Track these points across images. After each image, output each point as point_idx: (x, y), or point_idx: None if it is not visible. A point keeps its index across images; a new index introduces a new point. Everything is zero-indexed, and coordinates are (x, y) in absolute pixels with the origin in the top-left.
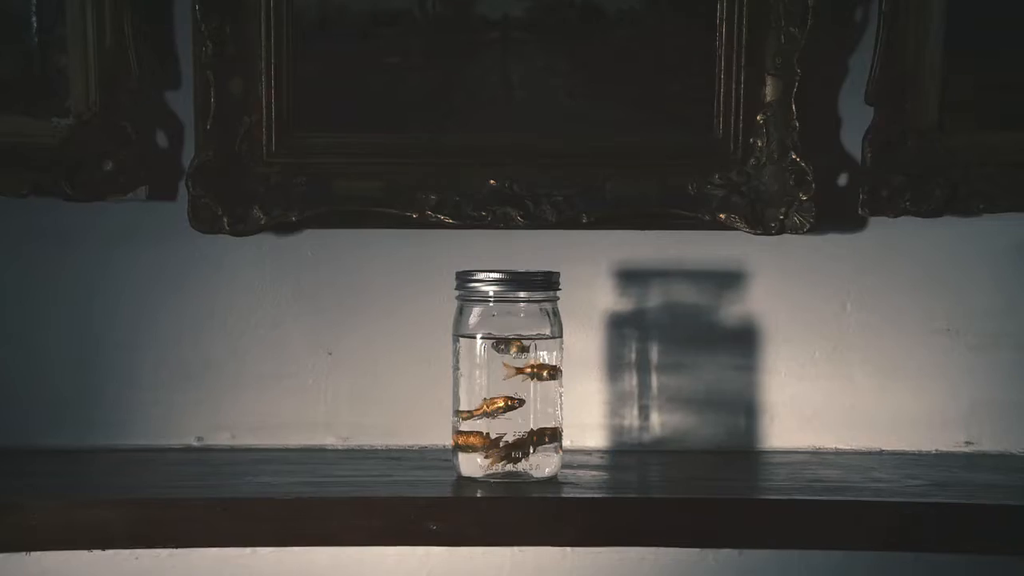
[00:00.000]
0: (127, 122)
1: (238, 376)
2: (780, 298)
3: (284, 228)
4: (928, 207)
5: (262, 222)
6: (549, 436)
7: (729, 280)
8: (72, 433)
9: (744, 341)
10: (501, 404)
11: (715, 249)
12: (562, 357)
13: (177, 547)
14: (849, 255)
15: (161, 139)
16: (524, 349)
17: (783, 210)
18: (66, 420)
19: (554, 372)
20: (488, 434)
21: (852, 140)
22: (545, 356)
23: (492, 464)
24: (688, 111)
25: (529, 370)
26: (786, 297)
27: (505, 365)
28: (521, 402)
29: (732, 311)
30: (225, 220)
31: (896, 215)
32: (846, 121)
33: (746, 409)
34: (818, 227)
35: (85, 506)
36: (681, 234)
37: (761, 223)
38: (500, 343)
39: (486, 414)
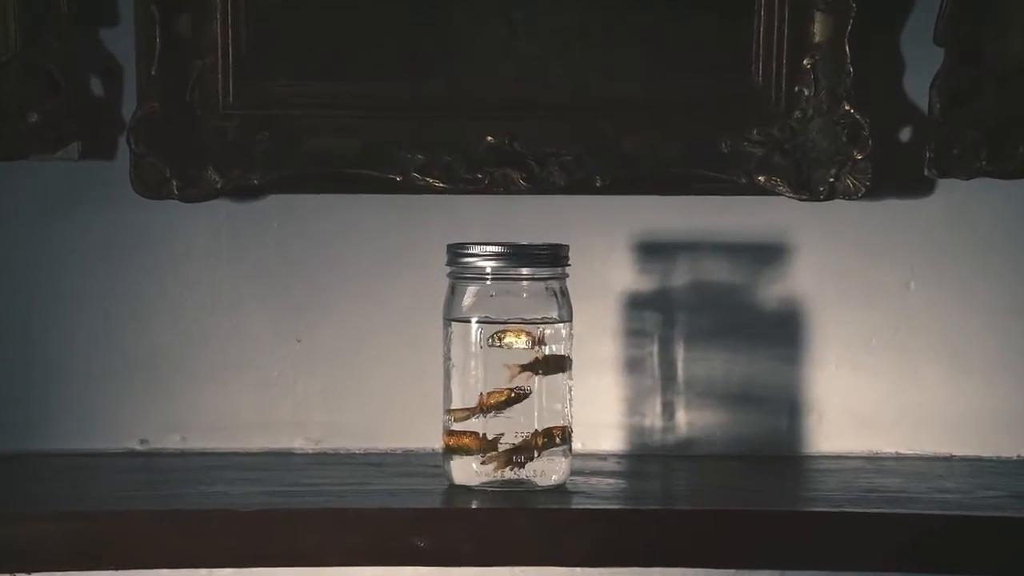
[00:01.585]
0: (54, 65)
1: (190, 368)
2: (830, 275)
3: (244, 193)
4: (1008, 167)
5: (218, 185)
6: (557, 437)
7: (769, 254)
8: None
9: (787, 326)
10: (503, 397)
11: (752, 217)
12: (572, 345)
13: (117, 569)
14: (912, 224)
15: (96, 86)
16: (526, 340)
17: (834, 171)
18: None
19: (562, 363)
20: (485, 435)
21: (917, 88)
22: (553, 347)
23: (492, 471)
24: (721, 54)
25: (535, 363)
26: (837, 274)
27: (506, 367)
28: (526, 394)
29: (773, 291)
30: (174, 183)
31: (969, 176)
32: (910, 65)
33: (789, 407)
34: (875, 191)
35: (7, 522)
36: (712, 200)
37: (807, 187)
38: (492, 337)
39: (484, 410)
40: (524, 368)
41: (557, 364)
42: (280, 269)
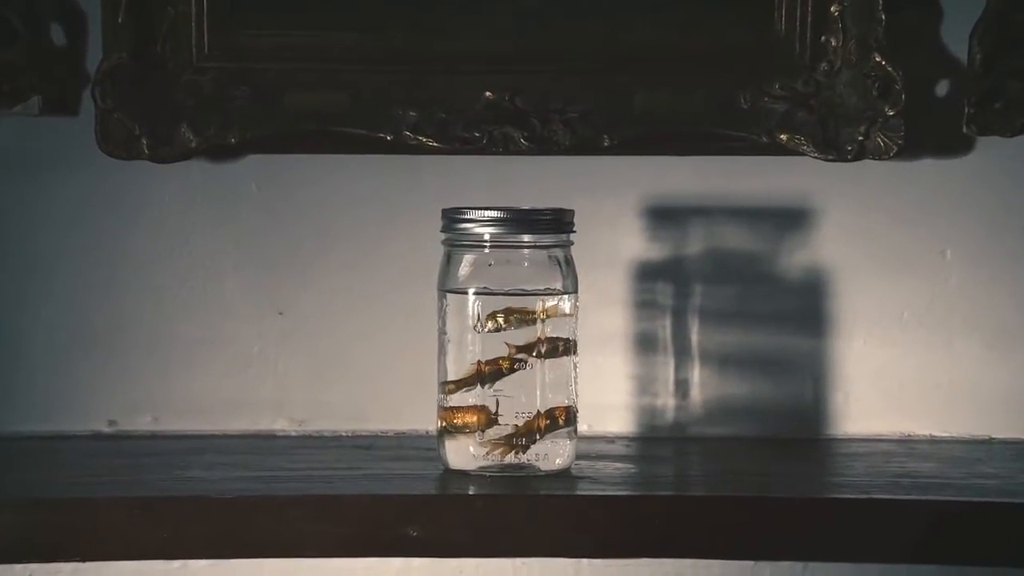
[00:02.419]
0: (10, 11)
1: (162, 343)
2: (858, 242)
3: (221, 153)
4: None
5: (192, 145)
6: (560, 419)
7: (792, 219)
8: None
9: (811, 298)
10: (504, 365)
11: (774, 179)
12: (577, 319)
13: (84, 560)
14: (949, 186)
15: (58, 34)
16: (517, 320)
17: (863, 128)
18: None
19: (568, 346)
20: (484, 409)
21: (956, 36)
22: (550, 328)
23: (489, 453)
24: (740, 1)
25: (534, 345)
26: (866, 241)
27: (508, 345)
28: (525, 362)
29: (796, 259)
30: (144, 142)
31: (1012, 134)
32: (948, 11)
33: (813, 385)
34: (909, 150)
35: None
36: (730, 160)
37: (834, 146)
38: (480, 321)
39: (482, 380)
40: (520, 349)
41: (564, 347)
42: (260, 235)
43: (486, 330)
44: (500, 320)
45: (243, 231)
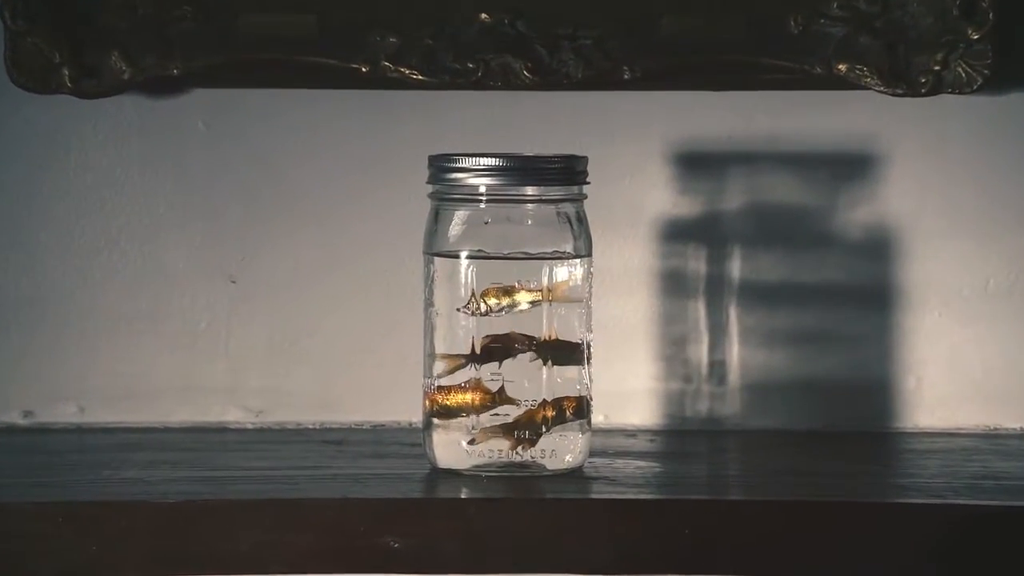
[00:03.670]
0: None
1: (88, 317)
2: (933, 196)
3: (161, 87)
4: None
5: (125, 76)
6: (570, 410)
7: (852, 168)
8: None
9: (874, 262)
10: (506, 343)
11: (831, 119)
12: (591, 287)
13: None
14: None
15: None
16: (508, 301)
17: (940, 56)
18: None
19: (573, 350)
20: (481, 387)
21: None
22: (561, 314)
23: (478, 443)
24: None
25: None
26: (943, 194)
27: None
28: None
29: (856, 217)
30: (66, 72)
31: None
32: None
33: (877, 368)
34: (997, 83)
35: None
36: (777, 96)
37: (904, 77)
38: (470, 303)
39: (477, 358)
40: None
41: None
42: (208, 187)
43: (479, 312)
44: (491, 302)
45: (188, 181)
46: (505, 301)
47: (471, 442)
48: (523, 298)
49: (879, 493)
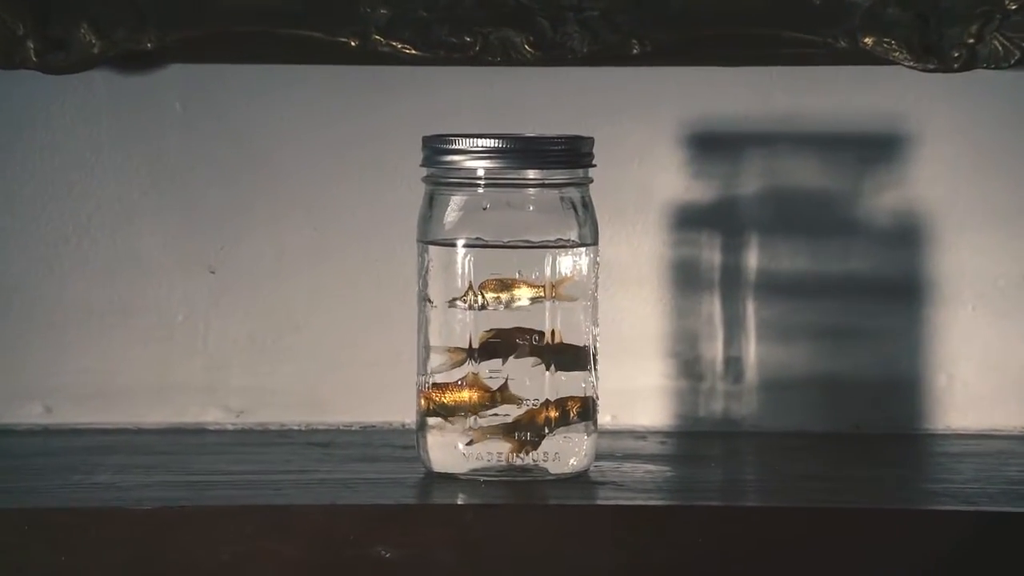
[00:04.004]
0: None
1: (57, 311)
2: (966, 179)
3: (134, 62)
4: None
5: (95, 50)
6: (574, 411)
7: (879, 149)
8: None
9: (903, 250)
10: (509, 339)
11: (856, 96)
12: (597, 278)
13: None
14: None
15: None
16: (508, 296)
17: (974, 28)
18: None
19: (578, 354)
20: (480, 384)
21: None
22: (561, 314)
23: (474, 442)
24: None
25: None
26: (977, 178)
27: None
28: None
29: (882, 202)
30: (31, 46)
31: None
32: None
33: (906, 365)
34: None
35: None
36: (798, 72)
37: (936, 51)
38: (467, 296)
39: (476, 355)
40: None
41: (569, 354)
42: (185, 170)
43: (477, 305)
44: (490, 295)
45: (163, 164)
46: (504, 296)
47: (468, 443)
48: (524, 293)
49: (908, 499)
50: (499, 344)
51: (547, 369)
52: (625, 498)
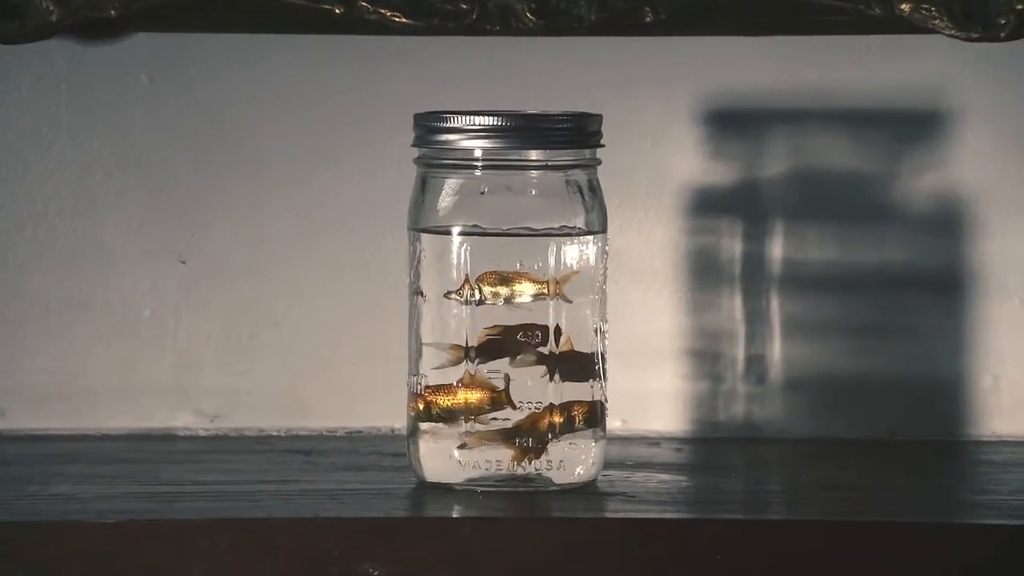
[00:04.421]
0: None
1: (11, 305)
2: (1013, 160)
3: (96, 30)
4: None
5: (53, 18)
6: (580, 417)
7: (916, 126)
8: None
9: (943, 239)
10: (510, 337)
11: (892, 69)
12: (606, 269)
13: None
14: None
15: None
16: (507, 292)
17: None
18: None
19: (586, 363)
20: (482, 384)
21: None
22: (566, 311)
23: (471, 448)
24: None
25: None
26: None
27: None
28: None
29: (921, 185)
30: None
31: None
32: None
33: (947, 365)
34: None
35: None
36: (829, 42)
37: (980, 18)
38: (463, 289)
39: (474, 355)
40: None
41: (575, 361)
42: (153, 150)
43: (474, 300)
44: (488, 290)
45: (128, 143)
46: (504, 291)
47: (461, 446)
48: (525, 289)
49: (948, 512)
50: (499, 343)
51: (551, 380)
52: (637, 511)
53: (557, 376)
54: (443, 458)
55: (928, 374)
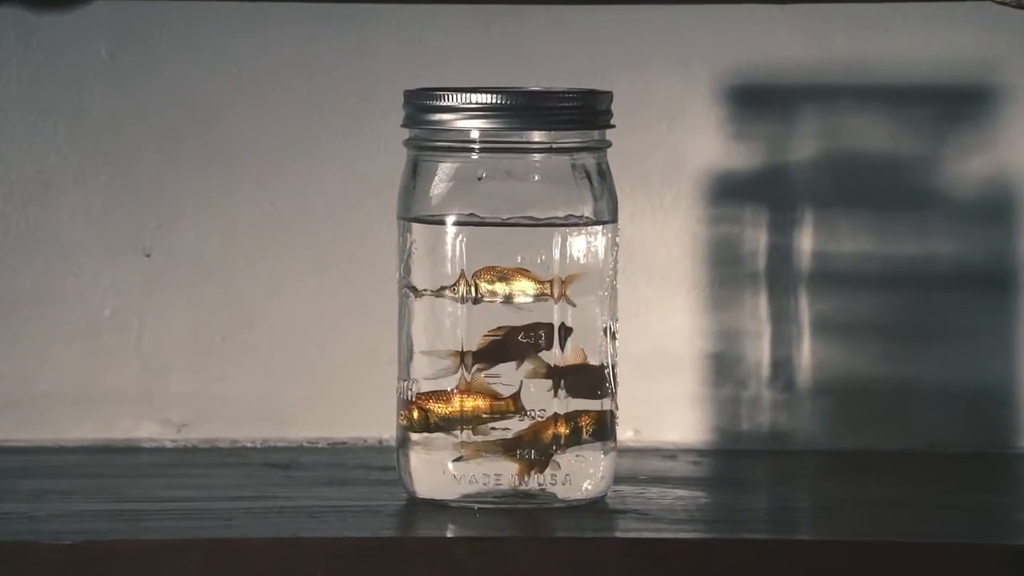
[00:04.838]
0: None
1: None
2: None
3: None
4: None
5: None
6: (587, 428)
7: (961, 103)
8: None
9: (991, 229)
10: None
11: (934, 39)
12: (616, 263)
13: None
14: None
15: None
16: (507, 290)
17: None
18: None
19: (595, 375)
20: (486, 390)
21: None
22: (569, 313)
23: (469, 458)
24: None
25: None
26: None
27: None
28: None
29: (967, 169)
30: None
31: None
32: None
33: (994, 371)
34: None
35: None
36: (863, 10)
37: None
38: (458, 285)
39: (471, 361)
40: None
41: (583, 374)
42: (114, 132)
43: (471, 298)
44: (485, 287)
45: (87, 125)
46: (502, 289)
47: (457, 459)
48: (526, 288)
49: (995, 532)
50: (500, 345)
51: (555, 396)
52: (650, 530)
53: (563, 392)
54: (436, 472)
55: (974, 380)
